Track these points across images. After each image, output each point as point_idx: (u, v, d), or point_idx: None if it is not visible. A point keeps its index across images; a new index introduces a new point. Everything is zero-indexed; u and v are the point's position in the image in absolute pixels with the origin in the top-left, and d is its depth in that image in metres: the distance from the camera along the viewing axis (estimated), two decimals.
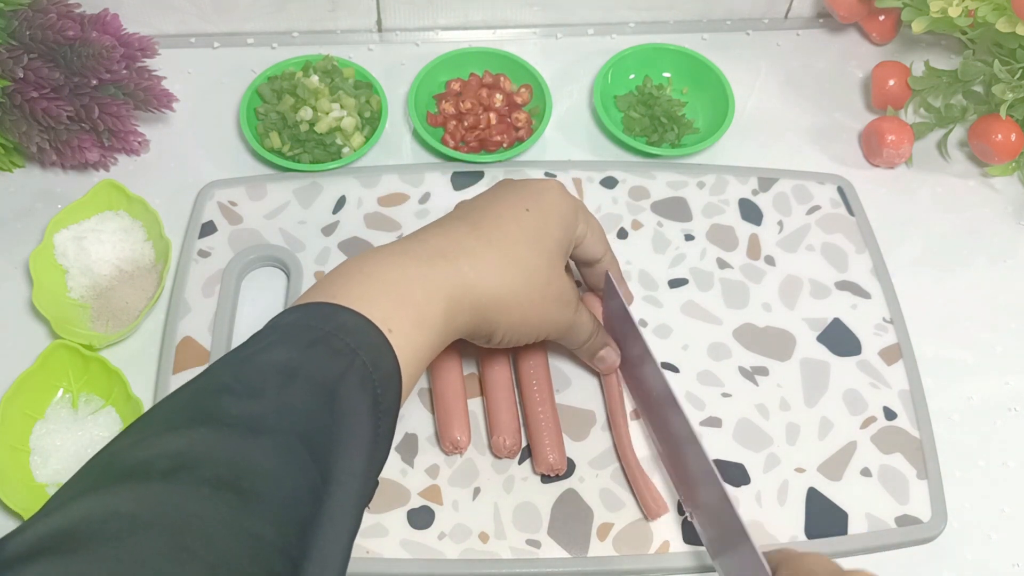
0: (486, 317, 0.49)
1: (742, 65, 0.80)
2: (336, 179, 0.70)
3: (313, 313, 0.43)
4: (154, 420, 0.39)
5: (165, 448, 0.36)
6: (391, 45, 0.80)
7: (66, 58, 0.64)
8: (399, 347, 0.43)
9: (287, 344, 0.41)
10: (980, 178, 0.75)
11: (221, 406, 0.38)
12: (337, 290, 0.44)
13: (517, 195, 0.52)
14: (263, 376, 0.39)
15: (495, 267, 0.48)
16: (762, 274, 0.67)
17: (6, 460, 0.57)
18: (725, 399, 0.61)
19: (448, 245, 0.48)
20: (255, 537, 0.34)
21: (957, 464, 0.61)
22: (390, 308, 0.44)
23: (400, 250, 0.48)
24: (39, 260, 0.64)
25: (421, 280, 0.46)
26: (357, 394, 0.41)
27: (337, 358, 0.41)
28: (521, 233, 0.50)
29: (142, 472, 0.35)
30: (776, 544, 0.56)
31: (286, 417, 0.38)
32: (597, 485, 0.58)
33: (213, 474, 0.35)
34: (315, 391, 0.39)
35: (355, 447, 0.40)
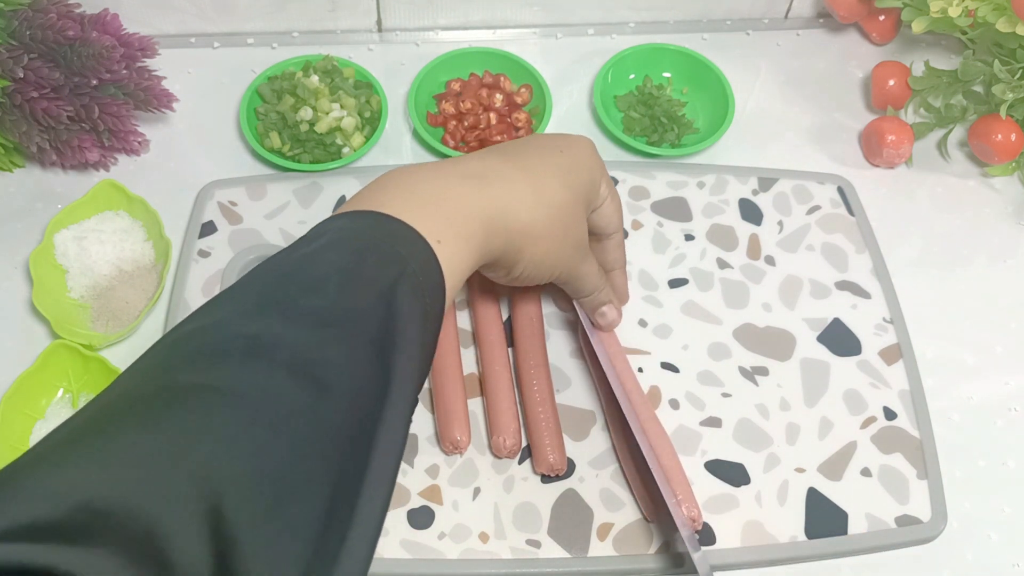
0: (514, 244, 0.49)
1: (742, 65, 0.80)
2: (336, 179, 0.70)
3: (363, 220, 0.44)
4: (222, 306, 0.39)
5: (238, 329, 0.37)
6: (391, 45, 0.80)
7: (66, 58, 0.64)
8: (444, 260, 0.44)
9: (340, 248, 0.42)
10: (980, 178, 0.75)
11: (288, 295, 0.39)
12: (385, 199, 0.45)
13: (552, 138, 0.55)
14: (325, 274, 0.40)
15: (528, 196, 0.49)
16: (762, 274, 0.67)
17: (6, 460, 0.57)
18: (725, 399, 0.61)
19: (485, 170, 0.49)
20: (328, 425, 0.35)
21: (957, 464, 0.61)
22: (436, 221, 0.45)
23: (439, 170, 0.49)
24: (39, 260, 0.64)
25: (463, 199, 0.47)
26: (410, 301, 0.41)
27: (390, 265, 0.41)
28: (554, 169, 0.51)
29: (221, 352, 0.35)
30: (775, 545, 0.56)
31: (350, 313, 0.39)
32: (597, 485, 0.58)
33: (287, 358, 0.35)
34: (373, 292, 0.40)
35: (410, 351, 0.40)
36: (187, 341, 0.37)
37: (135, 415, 0.33)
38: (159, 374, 0.35)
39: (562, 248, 0.52)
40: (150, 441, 0.31)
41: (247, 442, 0.32)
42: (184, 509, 0.30)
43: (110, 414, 0.33)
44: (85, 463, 0.30)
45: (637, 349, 0.63)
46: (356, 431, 0.36)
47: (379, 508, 0.36)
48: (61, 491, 0.29)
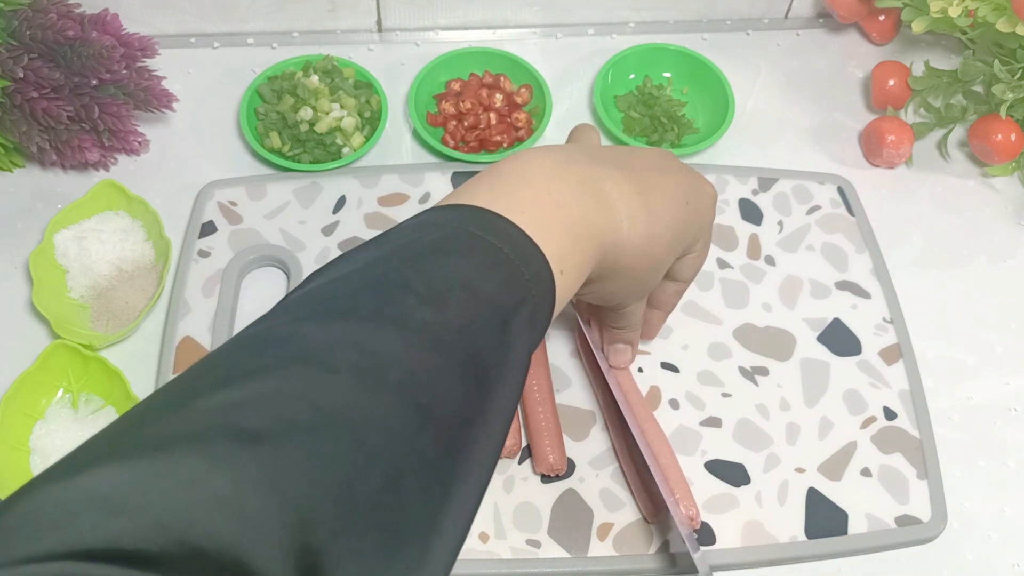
0: (607, 274, 0.47)
1: (742, 65, 0.80)
2: (336, 179, 0.70)
3: (497, 229, 0.41)
4: (334, 299, 0.37)
5: (352, 337, 0.34)
6: (391, 45, 0.80)
7: (66, 58, 0.64)
8: (560, 290, 0.42)
9: (471, 258, 0.39)
10: (980, 178, 0.75)
11: (407, 306, 0.36)
12: (524, 204, 0.42)
13: (685, 181, 0.51)
14: (448, 286, 0.38)
15: (643, 237, 0.47)
16: (762, 274, 0.67)
17: (6, 460, 0.57)
18: (725, 399, 0.61)
19: (619, 199, 0.46)
20: (422, 456, 0.34)
21: (957, 464, 0.61)
22: (567, 248, 0.42)
23: (583, 181, 0.45)
24: (39, 260, 0.64)
25: (593, 226, 0.44)
26: (524, 331, 0.39)
27: (515, 288, 0.39)
28: (673, 220, 0.48)
29: (329, 361, 0.33)
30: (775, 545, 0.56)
31: (465, 337, 0.37)
32: (597, 485, 0.58)
33: (397, 381, 0.34)
34: (493, 316, 0.38)
35: (512, 382, 0.39)
36: (294, 338, 0.34)
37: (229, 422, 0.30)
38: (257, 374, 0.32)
39: (635, 289, 0.51)
40: (245, 456, 0.29)
41: (343, 471, 0.31)
42: (272, 537, 0.28)
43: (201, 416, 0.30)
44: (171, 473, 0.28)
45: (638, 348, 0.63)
46: (446, 461, 0.35)
47: (455, 542, 0.36)
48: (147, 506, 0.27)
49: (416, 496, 0.33)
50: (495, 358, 0.38)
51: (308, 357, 0.33)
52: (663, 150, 0.54)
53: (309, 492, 0.30)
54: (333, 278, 0.38)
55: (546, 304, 0.41)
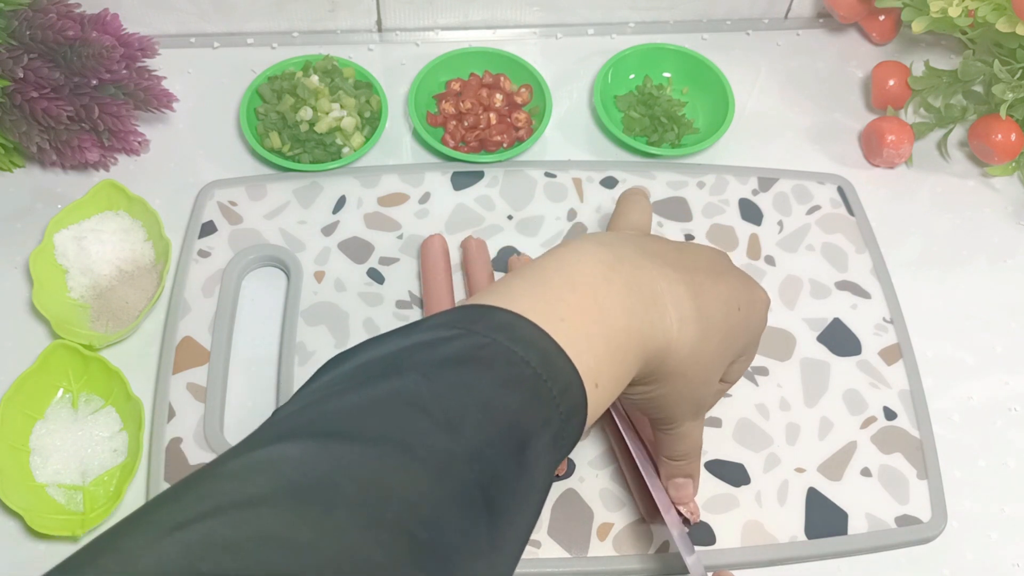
0: (653, 377, 0.45)
1: (742, 65, 0.80)
2: (336, 179, 0.70)
3: (527, 339, 0.38)
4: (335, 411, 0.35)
5: (354, 466, 0.32)
6: (391, 45, 0.80)
7: (66, 58, 0.64)
8: (594, 404, 0.39)
9: (492, 372, 0.36)
10: (980, 178, 0.75)
11: (417, 430, 0.34)
12: (563, 310, 0.39)
13: (737, 287, 0.48)
14: (464, 407, 0.35)
15: (693, 342, 0.44)
16: (762, 274, 0.67)
17: (6, 460, 0.57)
18: (725, 399, 0.61)
19: (670, 300, 0.43)
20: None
21: (957, 464, 0.61)
22: (605, 360, 0.40)
23: (633, 282, 0.43)
24: (39, 260, 0.64)
25: (638, 333, 0.41)
26: (545, 453, 0.37)
27: (539, 408, 0.37)
28: (725, 324, 0.46)
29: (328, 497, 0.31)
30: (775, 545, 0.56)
31: (476, 465, 0.34)
32: (597, 485, 0.58)
33: (395, 516, 0.32)
34: (510, 439, 0.36)
35: (528, 508, 0.37)
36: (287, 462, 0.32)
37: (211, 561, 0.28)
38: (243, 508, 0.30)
39: (687, 399, 0.47)
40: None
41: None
42: None
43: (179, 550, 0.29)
44: None
45: None
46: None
47: None
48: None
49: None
50: (508, 485, 0.35)
51: (302, 490, 0.31)
52: (717, 249, 0.51)
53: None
54: (335, 384, 0.36)
55: (574, 422, 0.38)
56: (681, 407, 0.48)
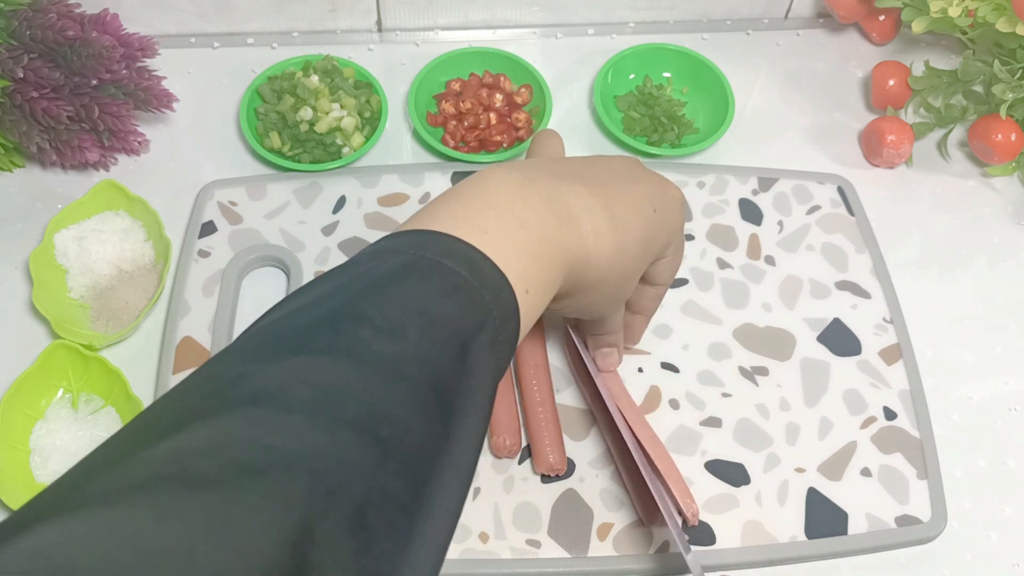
0: (577, 288, 0.47)
1: (742, 65, 0.80)
2: (336, 179, 0.70)
3: (455, 252, 0.40)
4: (286, 335, 0.36)
5: (305, 375, 0.33)
6: (391, 45, 0.80)
7: (66, 58, 0.64)
8: (527, 310, 0.41)
9: (427, 283, 0.38)
10: (980, 178, 0.75)
11: (362, 338, 0.35)
12: (485, 224, 0.42)
13: (651, 189, 0.50)
14: (404, 315, 0.37)
15: (611, 251, 0.46)
16: (762, 274, 0.67)
17: (6, 460, 0.57)
18: (725, 399, 0.62)
19: (584, 215, 0.46)
20: (384, 490, 0.32)
21: (957, 464, 0.61)
22: (532, 267, 0.42)
23: (546, 197, 0.45)
24: (39, 260, 0.64)
25: (558, 244, 0.44)
26: (485, 354, 0.38)
27: (474, 312, 0.39)
28: (642, 230, 0.48)
29: (282, 401, 0.32)
30: (775, 545, 0.56)
31: (424, 366, 0.36)
32: (597, 485, 0.58)
33: (355, 416, 0.33)
34: (451, 342, 0.37)
35: (477, 408, 0.38)
36: (242, 379, 0.33)
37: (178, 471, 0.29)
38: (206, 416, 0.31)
39: (612, 299, 0.50)
40: (193, 506, 0.28)
41: (304, 512, 0.30)
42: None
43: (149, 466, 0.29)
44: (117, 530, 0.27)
45: (637, 349, 0.63)
46: (411, 495, 0.34)
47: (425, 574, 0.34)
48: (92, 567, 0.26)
49: (382, 532, 0.32)
50: (456, 385, 0.37)
51: (259, 398, 0.32)
52: (628, 157, 0.53)
53: (263, 538, 0.28)
54: (285, 314, 0.37)
55: (510, 325, 0.40)
56: (604, 307, 0.51)
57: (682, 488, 0.55)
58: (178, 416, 0.32)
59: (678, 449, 0.59)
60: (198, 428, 0.31)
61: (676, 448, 0.59)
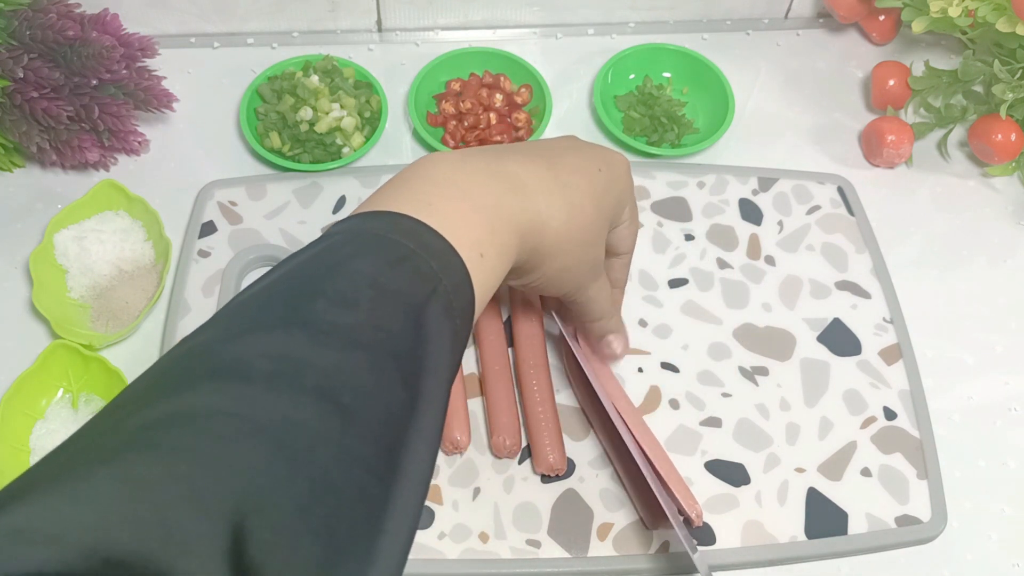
0: (536, 257, 0.48)
1: (742, 65, 0.80)
2: (336, 179, 0.70)
3: (400, 227, 0.41)
4: (243, 316, 0.37)
5: (263, 348, 0.34)
6: (391, 45, 0.80)
7: (66, 58, 0.64)
8: (483, 274, 0.42)
9: (373, 256, 0.39)
10: (980, 178, 0.75)
11: (316, 311, 0.36)
12: (428, 199, 0.43)
13: (592, 152, 0.52)
14: (355, 287, 0.37)
15: (563, 212, 0.47)
16: (762, 274, 0.67)
17: (6, 460, 0.57)
18: (725, 399, 0.62)
19: (528, 178, 0.47)
20: (353, 456, 0.33)
21: (957, 464, 0.61)
22: (483, 233, 0.43)
23: (487, 168, 0.46)
24: (39, 260, 0.64)
25: (505, 208, 0.45)
26: (440, 321, 0.39)
27: (423, 281, 0.39)
28: (590, 188, 0.49)
29: (242, 372, 0.33)
30: (775, 545, 0.56)
31: (380, 333, 0.37)
32: (597, 485, 0.58)
33: (315, 384, 0.33)
34: (404, 310, 0.38)
35: (439, 373, 0.39)
36: (204, 356, 0.34)
37: (145, 441, 0.30)
38: (171, 393, 0.32)
39: (579, 266, 0.51)
40: (163, 473, 0.29)
41: (269, 476, 0.30)
42: (202, 552, 0.28)
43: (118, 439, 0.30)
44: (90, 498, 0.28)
45: (637, 349, 0.63)
46: (381, 460, 0.34)
47: (403, 541, 0.35)
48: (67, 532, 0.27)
49: (353, 496, 0.32)
50: (414, 351, 0.37)
51: (218, 372, 0.33)
52: (567, 135, 0.55)
53: (232, 502, 0.29)
54: (241, 299, 0.38)
55: (463, 292, 0.41)
56: (579, 275, 0.51)
57: (684, 490, 0.55)
58: (144, 395, 0.33)
59: (678, 449, 0.59)
60: (162, 404, 0.31)
61: (676, 448, 0.59)
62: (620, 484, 0.58)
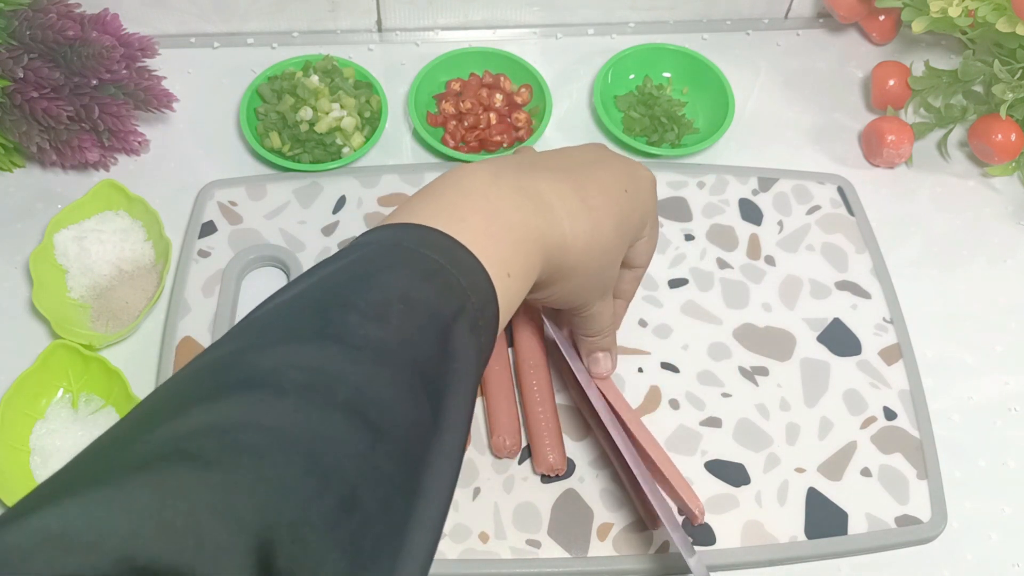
0: (558, 275, 0.47)
1: (742, 65, 0.80)
2: (336, 179, 0.70)
3: (431, 241, 0.41)
4: (276, 325, 0.37)
5: (296, 359, 0.34)
6: (391, 45, 0.80)
7: (66, 58, 0.64)
8: (508, 294, 0.42)
9: (406, 270, 0.39)
10: (980, 178, 0.75)
11: (349, 324, 0.36)
12: (461, 214, 0.43)
13: (620, 171, 0.51)
14: (387, 300, 0.37)
15: (586, 234, 0.47)
16: (762, 274, 0.67)
17: (6, 460, 0.57)
18: (725, 399, 0.62)
19: (556, 198, 0.46)
20: (380, 472, 0.33)
21: (957, 464, 0.61)
22: (509, 252, 0.43)
23: (517, 184, 0.46)
24: (39, 260, 0.64)
25: (533, 229, 0.45)
26: (466, 338, 0.39)
27: (452, 297, 0.39)
28: (615, 210, 0.49)
29: (275, 384, 0.33)
30: (775, 545, 0.56)
31: (408, 349, 0.37)
32: (597, 485, 0.58)
33: (345, 399, 0.33)
34: (432, 326, 0.38)
35: (463, 390, 0.39)
36: (237, 366, 0.34)
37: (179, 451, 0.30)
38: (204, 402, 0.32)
39: (594, 286, 0.50)
40: (196, 484, 0.29)
41: (299, 491, 0.30)
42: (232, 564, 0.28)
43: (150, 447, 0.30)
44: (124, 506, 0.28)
45: (637, 349, 0.63)
46: (405, 477, 0.34)
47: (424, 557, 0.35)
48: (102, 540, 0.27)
49: (378, 513, 0.32)
50: (440, 368, 0.38)
51: (253, 382, 0.33)
52: (593, 143, 0.55)
53: (263, 515, 0.29)
54: (273, 306, 0.38)
55: (489, 310, 0.41)
56: (589, 294, 0.51)
57: (684, 486, 0.55)
58: (176, 403, 0.32)
59: (678, 449, 0.59)
60: (195, 413, 0.31)
61: (676, 448, 0.59)
62: (620, 484, 0.58)
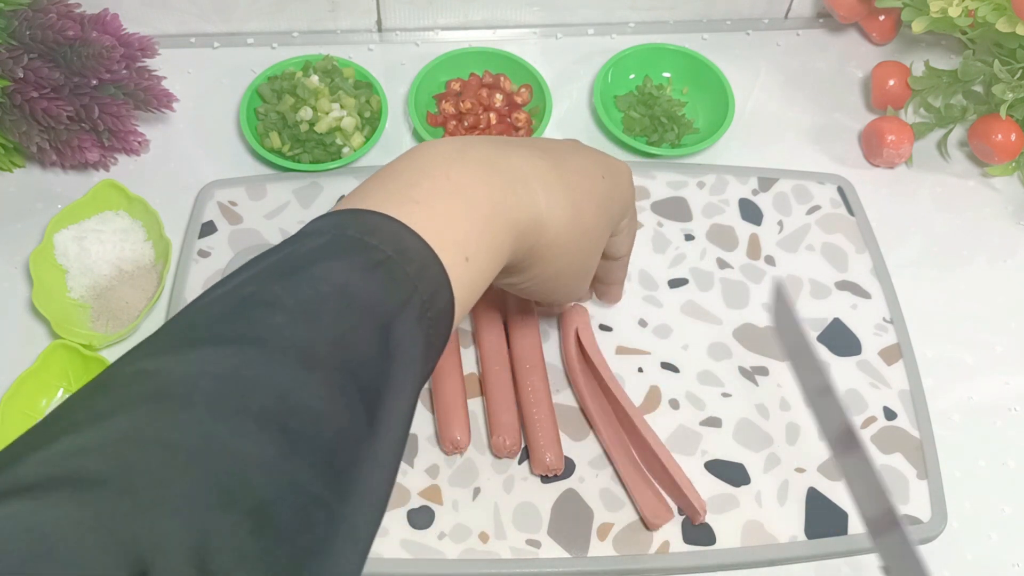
0: (532, 257, 0.45)
1: (742, 65, 0.80)
2: (336, 179, 0.70)
3: (378, 229, 0.39)
4: (199, 324, 0.35)
5: (210, 366, 0.32)
6: (391, 45, 0.80)
7: (66, 58, 0.64)
8: (466, 278, 0.40)
9: (347, 262, 0.37)
10: (980, 178, 0.75)
11: (273, 325, 0.34)
12: (416, 194, 0.40)
13: (596, 158, 0.50)
14: (320, 298, 0.35)
15: (566, 212, 0.45)
16: (762, 274, 0.67)
17: None
18: (725, 399, 0.61)
19: (531, 173, 0.44)
20: (294, 484, 0.31)
21: (957, 464, 0.61)
22: (471, 233, 0.40)
23: (486, 160, 0.43)
24: (39, 260, 0.64)
25: (504, 205, 0.42)
26: (412, 333, 0.37)
27: (397, 289, 0.37)
28: (594, 192, 0.47)
29: (183, 393, 0.31)
30: (775, 545, 0.56)
31: (340, 352, 0.34)
32: (597, 485, 0.58)
33: (260, 407, 0.32)
34: (371, 324, 0.36)
35: (403, 391, 0.37)
36: (146, 375, 0.32)
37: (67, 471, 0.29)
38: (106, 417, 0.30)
39: (573, 273, 0.49)
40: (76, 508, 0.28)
41: (196, 512, 0.28)
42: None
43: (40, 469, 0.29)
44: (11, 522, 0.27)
45: (637, 349, 0.63)
46: (328, 486, 0.32)
47: (352, 567, 0.33)
48: None
49: (294, 529, 0.30)
50: (377, 369, 0.36)
51: (160, 393, 0.31)
52: (570, 139, 0.53)
53: (157, 538, 0.27)
54: (201, 304, 0.36)
55: (440, 299, 0.39)
56: (569, 283, 0.49)
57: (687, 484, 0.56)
58: (80, 415, 0.31)
59: (678, 449, 0.59)
60: (94, 428, 0.30)
61: (676, 448, 0.59)
62: (620, 484, 0.58)
